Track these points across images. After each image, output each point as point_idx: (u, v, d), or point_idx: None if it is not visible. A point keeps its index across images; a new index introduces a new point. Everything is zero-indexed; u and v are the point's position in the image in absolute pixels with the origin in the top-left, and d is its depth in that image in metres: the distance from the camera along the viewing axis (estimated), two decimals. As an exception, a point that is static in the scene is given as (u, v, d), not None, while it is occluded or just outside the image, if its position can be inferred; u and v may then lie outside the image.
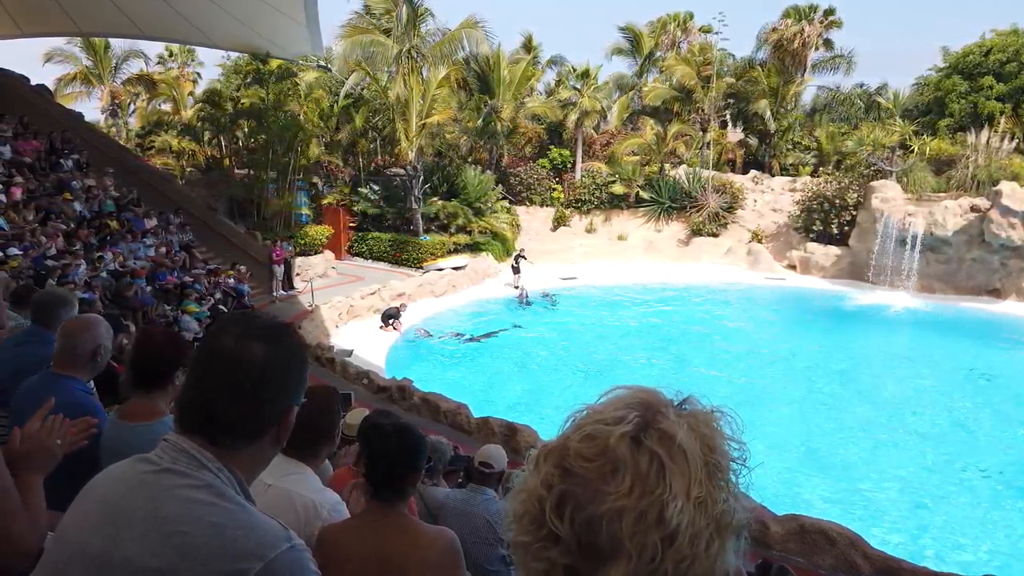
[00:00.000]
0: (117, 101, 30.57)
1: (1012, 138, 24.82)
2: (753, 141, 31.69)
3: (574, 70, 30.69)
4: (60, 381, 2.77)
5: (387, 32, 23.89)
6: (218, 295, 15.54)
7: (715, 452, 0.89)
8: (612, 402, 0.93)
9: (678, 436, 0.87)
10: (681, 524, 0.82)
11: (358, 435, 2.71)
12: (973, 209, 21.31)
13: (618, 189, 28.45)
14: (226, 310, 14.79)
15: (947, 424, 12.74)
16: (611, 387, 0.97)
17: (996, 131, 24.78)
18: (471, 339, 17.39)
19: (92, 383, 3.05)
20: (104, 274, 12.95)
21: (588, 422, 0.90)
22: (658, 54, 34.06)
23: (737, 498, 0.89)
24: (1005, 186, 20.51)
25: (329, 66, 27.63)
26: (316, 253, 23.67)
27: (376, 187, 26.39)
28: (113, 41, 29.24)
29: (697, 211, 27.38)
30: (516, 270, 22.26)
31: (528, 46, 32.42)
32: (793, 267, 25.25)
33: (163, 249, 16.24)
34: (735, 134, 31.47)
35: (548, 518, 0.85)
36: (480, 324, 18.81)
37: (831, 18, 30.21)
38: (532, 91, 31.70)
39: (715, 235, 27.25)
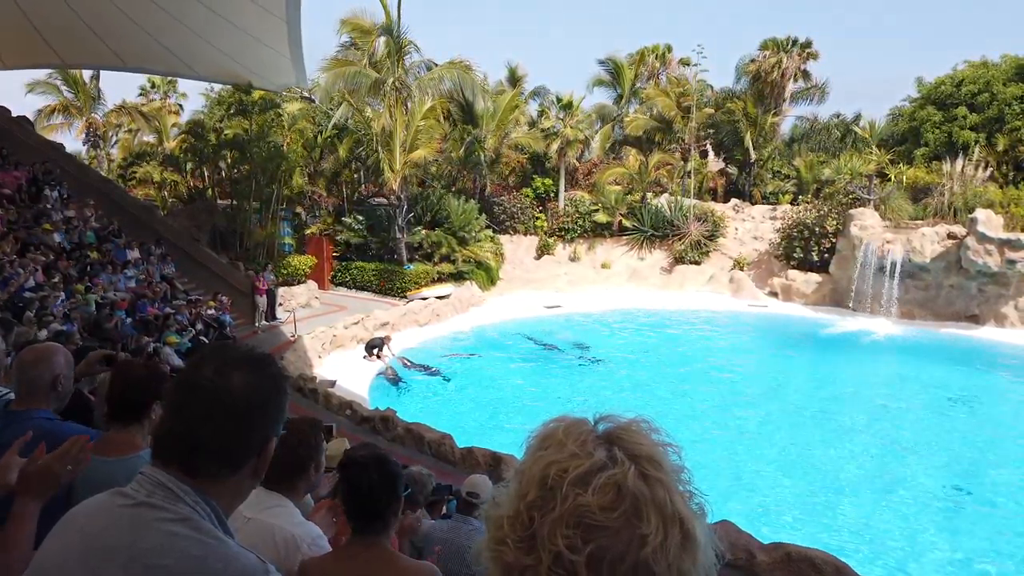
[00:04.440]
0: (98, 132, 30.52)
1: (986, 166, 25.32)
2: (733, 170, 32.14)
3: (557, 100, 31.09)
4: (24, 415, 2.64)
5: (374, 65, 24.09)
6: (199, 326, 15.39)
7: (668, 456, 0.91)
8: (569, 442, 0.90)
9: (654, 454, 0.88)
10: (700, 539, 0.86)
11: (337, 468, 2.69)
12: (950, 236, 21.64)
13: (601, 218, 28.70)
14: (208, 341, 14.63)
15: (928, 449, 12.78)
16: (539, 426, 0.96)
17: (971, 160, 25.27)
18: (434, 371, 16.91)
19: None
20: (84, 305, 12.81)
21: (583, 473, 0.85)
22: (638, 85, 34.61)
23: (693, 494, 0.91)
24: (980, 213, 20.86)
25: (313, 96, 27.77)
26: (299, 283, 23.57)
27: (360, 216, 26.43)
28: (85, 73, 29.30)
29: (679, 239, 27.63)
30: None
31: (513, 78, 32.79)
32: (775, 294, 25.44)
33: (143, 278, 16.10)
34: (716, 163, 31.93)
35: None
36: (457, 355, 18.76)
37: (808, 50, 30.88)
38: (517, 122, 32.00)
39: (697, 263, 27.49)
